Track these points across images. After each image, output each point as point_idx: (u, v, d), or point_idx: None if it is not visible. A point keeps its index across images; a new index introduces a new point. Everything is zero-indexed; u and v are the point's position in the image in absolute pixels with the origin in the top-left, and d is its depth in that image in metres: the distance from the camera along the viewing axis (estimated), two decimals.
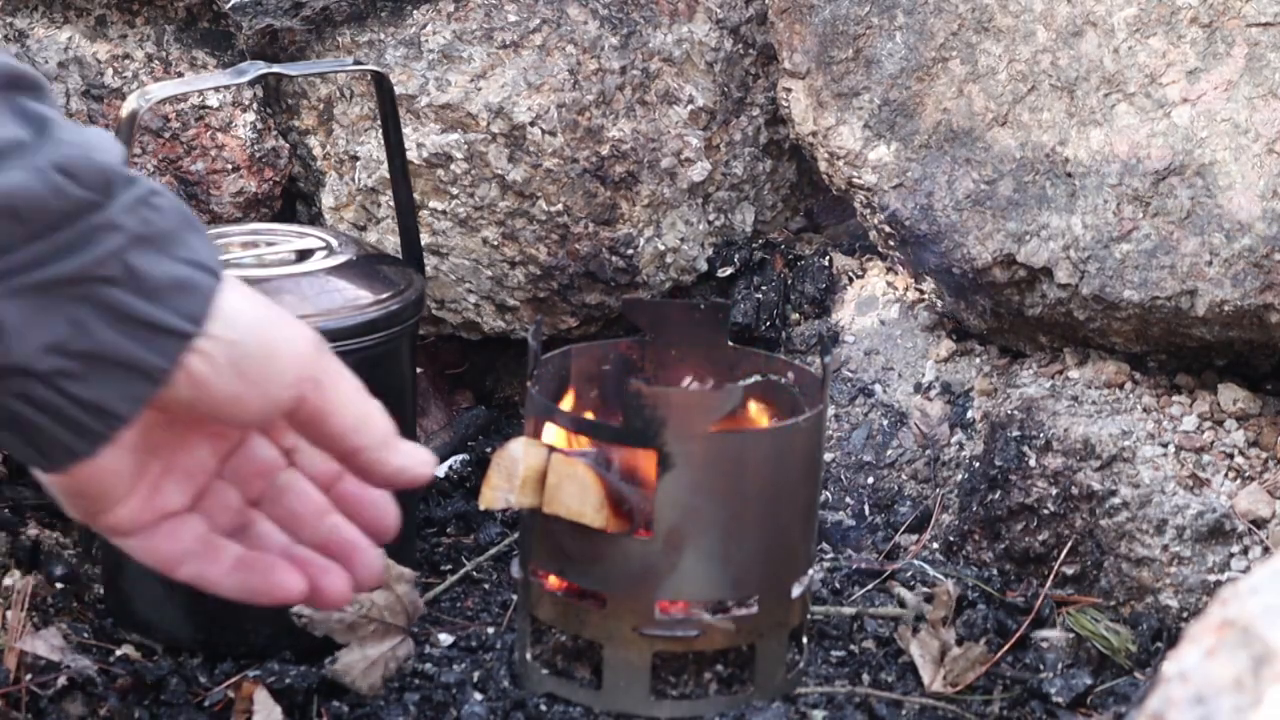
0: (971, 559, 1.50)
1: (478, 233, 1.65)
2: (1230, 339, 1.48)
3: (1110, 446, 1.46)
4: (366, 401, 0.92)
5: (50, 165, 0.81)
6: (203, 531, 0.96)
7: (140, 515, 0.94)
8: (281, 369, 0.88)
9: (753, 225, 1.76)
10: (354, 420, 0.91)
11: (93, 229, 0.82)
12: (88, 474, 0.88)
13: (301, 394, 0.89)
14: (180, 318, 0.84)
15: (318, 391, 0.89)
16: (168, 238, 0.85)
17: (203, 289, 0.85)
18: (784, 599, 1.27)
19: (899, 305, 1.68)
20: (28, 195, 0.80)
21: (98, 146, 0.84)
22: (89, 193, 0.82)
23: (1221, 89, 1.45)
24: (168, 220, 0.85)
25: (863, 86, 1.60)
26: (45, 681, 1.25)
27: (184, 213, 0.86)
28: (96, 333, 0.83)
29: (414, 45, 1.62)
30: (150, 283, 0.83)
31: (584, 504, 1.21)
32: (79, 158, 0.82)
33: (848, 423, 1.63)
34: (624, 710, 1.26)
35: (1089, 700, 1.33)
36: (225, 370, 0.86)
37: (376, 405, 0.92)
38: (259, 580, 0.95)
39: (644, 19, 1.67)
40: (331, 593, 0.95)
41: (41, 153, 0.82)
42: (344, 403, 0.90)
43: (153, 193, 0.85)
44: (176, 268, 0.84)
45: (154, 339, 0.84)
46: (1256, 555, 1.43)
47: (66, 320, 0.82)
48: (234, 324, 0.86)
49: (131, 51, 1.65)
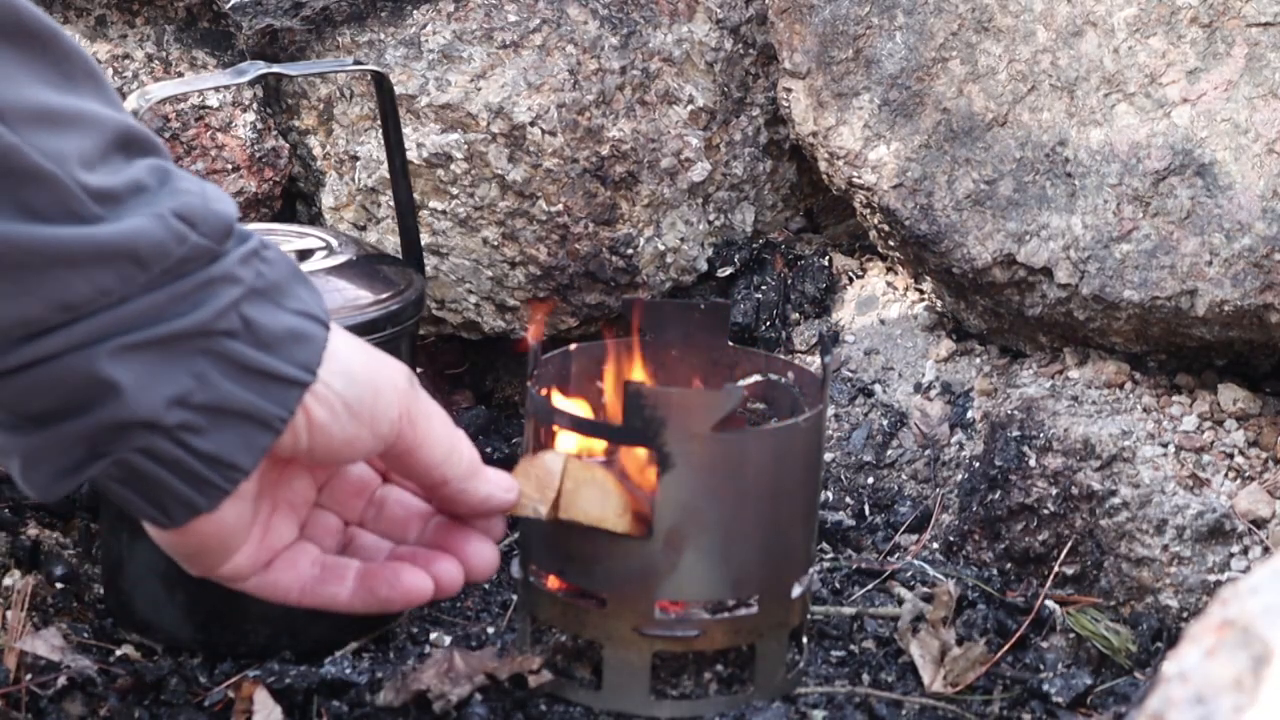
0: (971, 559, 1.50)
1: (478, 233, 1.65)
2: (1230, 339, 1.48)
3: (1110, 446, 1.46)
4: (454, 433, 0.95)
5: (171, 212, 0.82)
6: (316, 555, 0.97)
7: (257, 558, 0.95)
8: (387, 407, 0.90)
9: (753, 225, 1.76)
10: (442, 453, 0.94)
11: (210, 280, 0.84)
12: (207, 529, 0.89)
13: (400, 430, 0.91)
14: (296, 367, 0.86)
15: (411, 426, 0.92)
16: (279, 289, 0.86)
17: (315, 338, 0.87)
18: (784, 599, 1.27)
19: (899, 305, 1.68)
20: (150, 240, 0.81)
21: (215, 197, 0.86)
22: (208, 241, 0.84)
23: (1221, 89, 1.45)
24: (278, 272, 0.87)
25: (863, 86, 1.60)
26: (45, 681, 1.25)
27: (292, 265, 0.89)
28: (218, 385, 0.84)
29: (414, 45, 1.62)
30: (266, 334, 0.85)
31: (605, 509, 1.20)
32: (199, 206, 0.84)
33: (848, 423, 1.63)
34: (624, 710, 1.26)
35: (1089, 700, 1.33)
36: (341, 413, 0.88)
37: (462, 436, 0.95)
38: (386, 589, 0.97)
39: (644, 19, 1.67)
40: (446, 580, 0.97)
41: (163, 199, 0.83)
42: (434, 435, 0.93)
43: (264, 245, 0.87)
44: (289, 318, 0.86)
45: (272, 389, 0.85)
46: (1256, 555, 1.43)
47: (189, 373, 0.83)
48: (344, 369, 0.88)
49: (131, 51, 1.65)
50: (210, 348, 0.84)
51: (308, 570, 0.97)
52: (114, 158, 0.82)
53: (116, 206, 0.81)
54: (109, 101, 0.84)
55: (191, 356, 0.83)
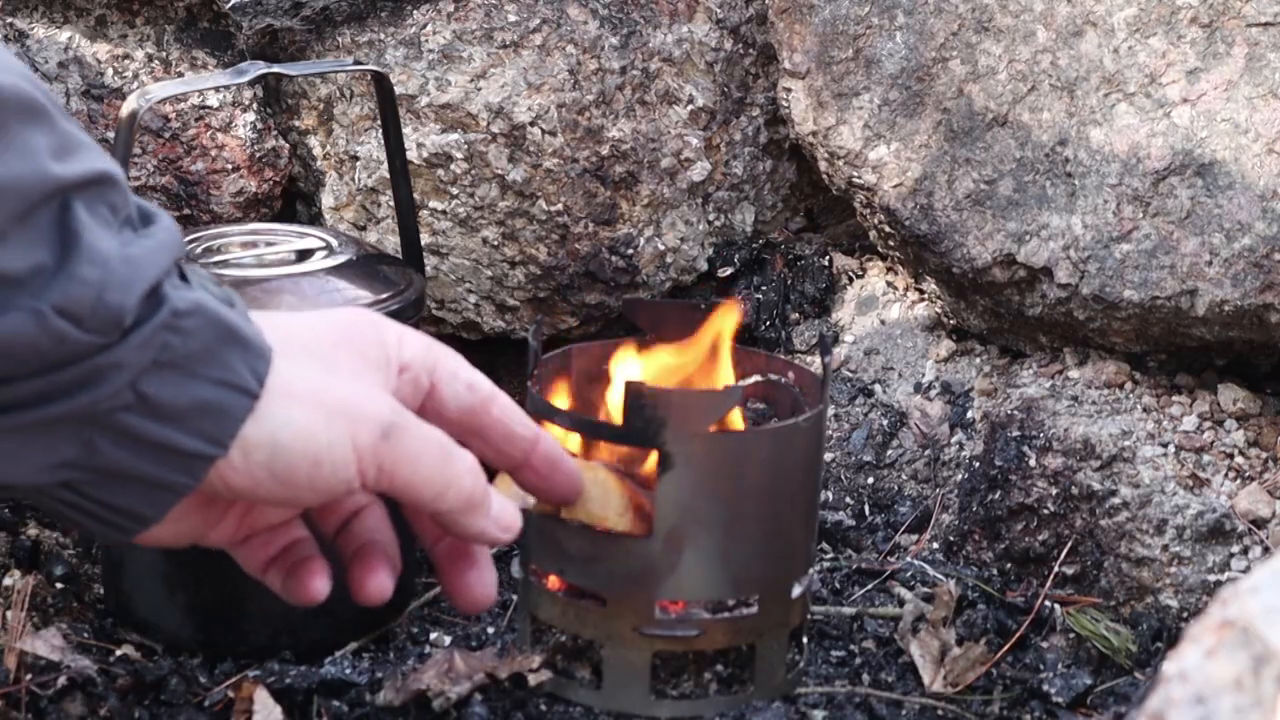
0: (971, 559, 1.50)
1: (478, 233, 1.65)
2: (1230, 339, 1.48)
3: (1110, 446, 1.46)
4: (447, 470, 0.89)
5: (54, 309, 0.76)
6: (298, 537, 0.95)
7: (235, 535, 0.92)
8: (334, 469, 0.84)
9: (753, 225, 1.76)
10: (432, 493, 0.88)
11: (97, 369, 0.78)
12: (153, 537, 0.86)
13: (362, 482, 0.86)
14: (202, 440, 0.81)
15: (387, 476, 0.87)
16: (196, 359, 0.80)
17: (231, 410, 0.81)
18: (784, 599, 1.27)
19: (899, 305, 1.68)
20: (24, 340, 0.76)
21: (117, 283, 0.78)
22: (93, 336, 0.77)
23: (1221, 89, 1.45)
24: (196, 342, 0.80)
25: (863, 86, 1.60)
26: (45, 681, 1.25)
27: (225, 329, 0.82)
28: (108, 453, 0.80)
29: (414, 45, 1.62)
30: (167, 408, 0.80)
31: (606, 508, 1.20)
32: (88, 299, 0.77)
33: (848, 423, 1.63)
34: (624, 710, 1.26)
35: (1089, 700, 1.33)
36: (265, 480, 0.83)
37: (462, 469, 0.89)
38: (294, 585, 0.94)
39: (644, 19, 1.67)
40: (368, 593, 0.94)
41: (51, 291, 0.76)
42: (419, 479, 0.88)
43: (183, 314, 0.80)
44: (202, 390, 0.80)
45: (171, 460, 0.81)
46: (1256, 555, 1.43)
47: (76, 443, 0.79)
48: (271, 439, 0.82)
49: (131, 51, 1.65)
50: (99, 421, 0.79)
51: (274, 551, 0.95)
52: (20, 232, 0.76)
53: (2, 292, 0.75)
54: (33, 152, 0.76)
55: (78, 429, 0.78)
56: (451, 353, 0.94)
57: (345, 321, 0.91)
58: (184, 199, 1.65)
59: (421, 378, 0.92)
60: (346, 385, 0.86)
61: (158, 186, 1.64)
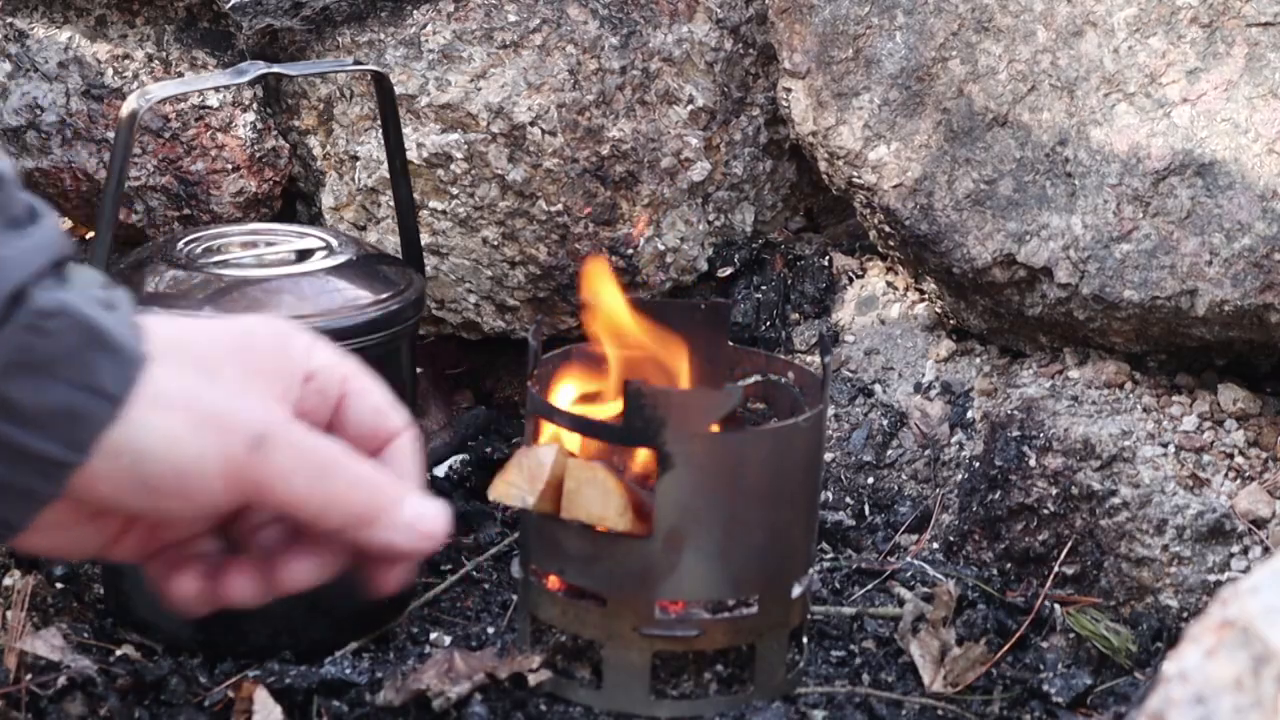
0: (971, 559, 1.50)
1: (478, 233, 1.65)
2: (1230, 339, 1.48)
3: (1110, 446, 1.46)
4: (329, 485, 0.83)
5: None
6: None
7: (145, 549, 0.88)
8: (200, 481, 0.81)
9: (753, 225, 1.76)
10: (314, 510, 0.83)
11: None
12: (39, 546, 0.83)
13: (240, 496, 0.82)
14: (62, 446, 0.78)
15: (260, 493, 0.82)
16: (58, 362, 0.78)
17: (92, 416, 0.78)
18: (784, 599, 1.27)
19: (899, 305, 1.68)
20: None
21: None
22: None
23: (1221, 89, 1.45)
24: (60, 344, 0.78)
25: (863, 86, 1.60)
26: (45, 681, 1.25)
27: (91, 331, 0.79)
28: None
29: (414, 45, 1.62)
30: (27, 411, 0.78)
31: (606, 508, 1.21)
32: None
33: (848, 423, 1.63)
34: (624, 710, 1.26)
35: (1089, 700, 1.33)
36: (133, 489, 0.80)
37: (343, 484, 0.84)
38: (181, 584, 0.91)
39: (644, 19, 1.67)
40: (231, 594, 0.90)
41: None
42: (297, 496, 0.83)
43: (46, 315, 0.78)
44: (64, 393, 0.78)
45: (29, 466, 0.78)
46: (1256, 555, 1.43)
47: None
48: (137, 446, 0.79)
49: (131, 51, 1.65)
50: None
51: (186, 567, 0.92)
52: None
53: None
54: None
55: None
56: (368, 375, 0.90)
57: (245, 330, 0.86)
58: (184, 199, 1.65)
59: (329, 388, 0.87)
60: (224, 394, 0.83)
61: (158, 186, 1.65)
